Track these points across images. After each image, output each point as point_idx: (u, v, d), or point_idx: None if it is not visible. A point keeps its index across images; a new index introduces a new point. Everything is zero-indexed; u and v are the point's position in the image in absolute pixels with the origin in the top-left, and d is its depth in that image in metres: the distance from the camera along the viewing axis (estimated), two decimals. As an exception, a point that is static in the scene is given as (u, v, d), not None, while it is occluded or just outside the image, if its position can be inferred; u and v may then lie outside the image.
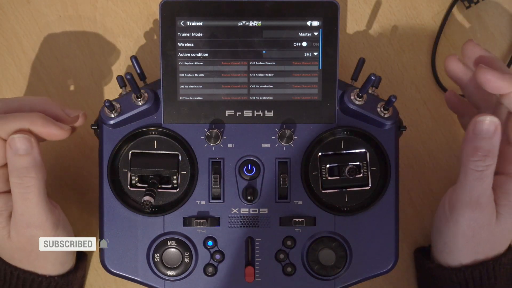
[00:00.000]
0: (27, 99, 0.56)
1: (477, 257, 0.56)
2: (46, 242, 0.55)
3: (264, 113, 0.58)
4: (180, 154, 0.58)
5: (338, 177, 0.58)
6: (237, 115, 0.58)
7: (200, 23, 0.57)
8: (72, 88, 0.66)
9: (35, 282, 0.56)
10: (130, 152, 0.58)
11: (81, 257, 0.63)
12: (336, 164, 0.58)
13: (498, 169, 0.54)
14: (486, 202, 0.53)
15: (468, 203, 0.53)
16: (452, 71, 0.57)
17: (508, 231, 0.55)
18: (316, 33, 0.57)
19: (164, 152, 0.58)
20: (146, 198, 0.55)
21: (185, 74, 0.57)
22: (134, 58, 0.59)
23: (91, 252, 0.65)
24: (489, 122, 0.51)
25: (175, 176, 0.58)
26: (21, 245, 0.55)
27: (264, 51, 0.57)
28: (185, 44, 0.57)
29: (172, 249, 0.58)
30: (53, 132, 0.53)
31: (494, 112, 0.55)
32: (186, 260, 0.58)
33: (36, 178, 0.53)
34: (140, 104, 0.57)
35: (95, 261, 0.65)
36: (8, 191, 0.54)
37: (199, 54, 0.57)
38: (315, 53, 0.57)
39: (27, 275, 0.56)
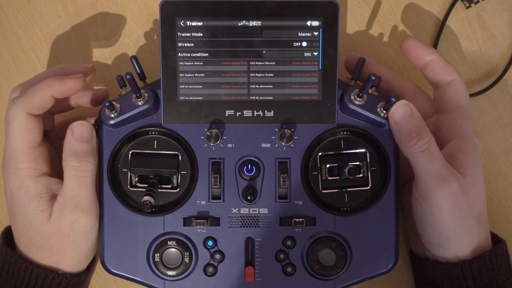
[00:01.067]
0: (40, 73, 0.59)
1: (473, 235, 0.55)
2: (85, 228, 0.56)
3: (264, 113, 0.58)
4: (180, 154, 0.58)
5: (338, 177, 0.58)
6: (237, 115, 0.58)
7: (200, 23, 0.57)
8: (72, 88, 0.66)
9: (47, 280, 0.56)
10: (130, 152, 0.58)
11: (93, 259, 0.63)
12: (336, 164, 0.58)
13: (444, 139, 0.57)
14: (448, 172, 0.54)
15: (435, 183, 0.54)
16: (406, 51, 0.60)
17: (480, 190, 0.56)
18: (316, 33, 0.57)
19: (164, 152, 0.58)
20: (146, 198, 0.55)
21: (185, 74, 0.57)
22: (134, 58, 0.59)
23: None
24: (401, 107, 0.55)
25: (175, 176, 0.58)
26: (61, 229, 0.56)
27: (264, 51, 0.57)
28: (185, 44, 0.57)
29: (172, 249, 0.58)
30: (71, 85, 0.56)
31: None
32: (186, 260, 0.58)
33: (93, 164, 0.56)
34: (140, 104, 0.57)
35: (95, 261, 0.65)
36: (48, 174, 0.56)
37: (199, 54, 0.57)
38: (315, 53, 0.57)
39: (40, 271, 0.56)
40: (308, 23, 0.57)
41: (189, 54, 0.57)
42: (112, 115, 0.57)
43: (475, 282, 0.55)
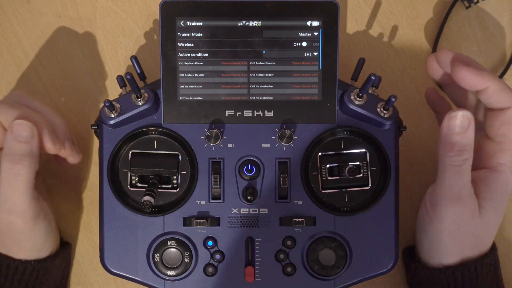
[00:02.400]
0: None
1: (463, 255, 0.55)
2: (23, 230, 0.55)
3: (264, 113, 0.58)
4: (180, 154, 0.58)
5: (338, 177, 0.58)
6: (237, 115, 0.58)
7: (200, 23, 0.57)
8: (72, 88, 0.66)
9: (11, 267, 0.56)
10: (130, 152, 0.58)
11: (64, 246, 0.63)
12: (336, 164, 0.58)
13: (478, 163, 0.55)
14: (467, 196, 0.53)
15: (450, 199, 0.53)
16: (433, 71, 0.57)
17: (492, 225, 0.55)
18: (316, 33, 0.57)
19: (164, 152, 0.58)
20: (146, 198, 0.55)
21: (185, 74, 0.57)
22: (134, 58, 0.59)
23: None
24: (462, 117, 0.52)
25: (175, 176, 0.58)
26: (1, 228, 0.55)
27: (264, 51, 0.57)
28: (185, 44, 0.57)
29: (172, 249, 0.58)
30: (47, 146, 0.55)
31: (474, 109, 0.56)
32: (186, 260, 0.58)
33: (28, 167, 0.53)
34: (140, 104, 0.57)
35: (95, 261, 0.65)
36: None
37: (199, 54, 0.57)
38: (315, 53, 0.57)
39: (2, 258, 0.56)
40: (308, 23, 0.57)
41: (189, 54, 0.57)
42: (112, 115, 0.57)
43: None
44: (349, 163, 0.58)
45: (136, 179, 0.58)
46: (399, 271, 0.65)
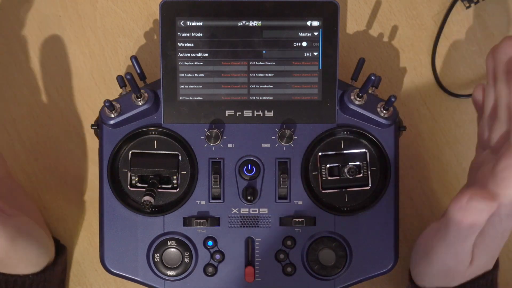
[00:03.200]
0: None
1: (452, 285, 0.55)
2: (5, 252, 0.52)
3: (264, 113, 0.58)
4: (180, 154, 0.58)
5: (338, 177, 0.58)
6: (237, 115, 0.58)
7: (200, 23, 0.57)
8: (72, 88, 0.66)
9: (9, 282, 0.55)
10: (130, 152, 0.58)
11: (60, 251, 0.62)
12: (336, 164, 0.58)
13: None
14: (462, 256, 0.51)
15: (444, 248, 0.51)
16: (478, 102, 0.52)
17: (480, 270, 0.53)
18: (316, 33, 0.57)
19: (164, 152, 0.58)
20: (146, 198, 0.55)
21: (185, 74, 0.57)
22: (134, 58, 0.59)
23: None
24: (469, 206, 0.46)
25: (175, 176, 0.58)
26: None
27: (264, 51, 0.57)
28: (185, 44, 0.57)
29: (172, 249, 0.58)
30: None
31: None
32: (186, 260, 0.58)
33: None
34: (140, 104, 0.57)
35: (95, 261, 0.65)
36: None
37: (199, 54, 0.57)
38: (315, 53, 0.57)
39: (0, 276, 0.54)
40: (308, 23, 0.57)
41: (189, 54, 0.57)
42: (112, 115, 0.57)
43: None
44: (349, 163, 0.58)
45: (136, 179, 0.58)
46: (399, 271, 0.64)
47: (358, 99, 0.57)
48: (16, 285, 0.56)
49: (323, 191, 0.58)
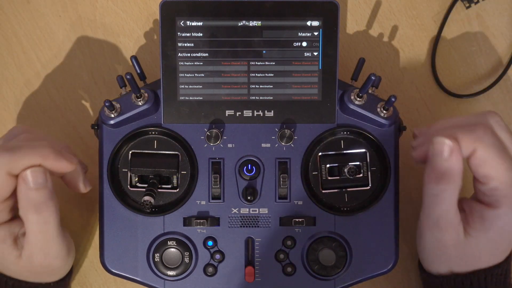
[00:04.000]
0: (31, 135, 0.55)
1: (453, 270, 0.55)
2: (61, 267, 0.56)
3: (264, 113, 0.58)
4: (180, 154, 0.58)
5: (338, 177, 0.58)
6: (237, 115, 0.58)
7: (200, 23, 0.57)
8: (72, 88, 0.66)
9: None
10: (130, 152, 0.58)
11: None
12: (336, 164, 0.58)
13: (476, 197, 0.54)
14: (445, 225, 0.53)
15: (427, 224, 0.54)
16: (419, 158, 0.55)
17: (480, 250, 0.54)
18: (316, 33, 0.57)
19: (164, 152, 0.58)
20: (146, 198, 0.55)
21: (185, 74, 0.57)
22: (134, 58, 0.59)
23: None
24: (440, 142, 0.51)
25: (175, 176, 0.58)
26: (33, 269, 0.55)
27: (264, 51, 0.57)
28: (185, 44, 0.57)
29: (172, 249, 0.58)
30: (64, 165, 0.52)
31: None
32: (186, 260, 0.58)
33: (54, 212, 0.52)
34: (140, 104, 0.57)
35: (95, 261, 0.65)
36: (9, 219, 0.54)
37: (199, 54, 0.57)
38: (315, 53, 0.57)
39: (22, 284, 0.55)
40: (308, 23, 0.57)
41: (189, 54, 0.57)
42: (112, 115, 0.57)
43: None
44: (349, 163, 0.58)
45: (136, 179, 0.58)
46: (399, 271, 0.64)
47: (358, 99, 0.57)
48: None
49: (323, 191, 0.58)
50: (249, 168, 0.58)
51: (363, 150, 0.58)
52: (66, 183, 0.58)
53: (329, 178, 0.58)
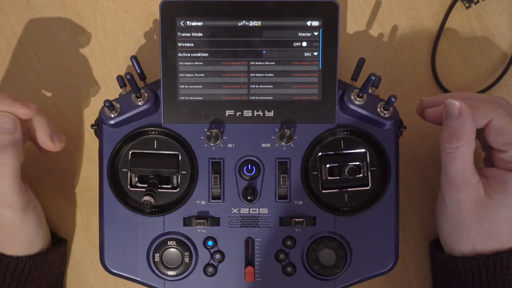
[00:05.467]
0: None
1: (474, 245, 0.56)
2: (13, 222, 0.55)
3: (264, 113, 0.58)
4: (180, 154, 0.58)
5: (338, 177, 0.58)
6: (237, 115, 0.58)
7: (200, 23, 0.57)
8: (72, 88, 0.66)
9: (2, 263, 0.56)
10: (130, 152, 0.58)
11: (60, 242, 0.62)
12: (336, 164, 0.58)
13: (497, 164, 0.56)
14: (462, 182, 0.54)
15: (446, 183, 0.55)
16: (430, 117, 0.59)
17: (501, 220, 0.55)
18: (316, 33, 0.57)
19: (164, 152, 0.58)
20: (146, 198, 0.55)
21: (185, 74, 0.57)
22: (134, 58, 0.59)
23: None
24: (451, 103, 0.54)
25: (175, 176, 0.58)
26: None
27: (264, 51, 0.57)
28: (185, 44, 0.57)
29: (172, 249, 0.58)
30: (20, 111, 0.55)
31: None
32: (186, 260, 0.58)
33: (13, 156, 0.53)
34: (140, 104, 0.57)
35: (95, 261, 0.65)
36: None
37: (199, 54, 0.57)
38: (315, 53, 0.57)
39: None
40: (308, 23, 0.57)
41: (189, 54, 0.57)
42: (112, 115, 0.57)
43: (488, 278, 0.56)
44: (349, 163, 0.58)
45: (136, 179, 0.58)
46: (399, 271, 0.65)
47: (358, 99, 0.57)
48: (8, 267, 0.56)
49: (323, 191, 0.58)
50: (249, 168, 0.58)
51: (363, 150, 0.58)
52: (34, 142, 0.59)
53: (329, 178, 0.58)
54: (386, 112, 0.57)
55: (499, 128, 0.54)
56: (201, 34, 0.57)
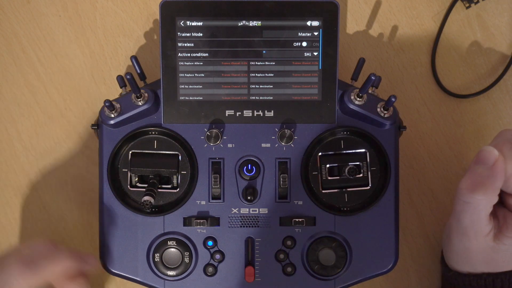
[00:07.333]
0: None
1: (484, 271, 0.55)
2: None
3: (264, 113, 0.58)
4: (180, 154, 0.58)
5: (338, 177, 0.58)
6: (237, 115, 0.58)
7: (200, 23, 0.57)
8: (72, 88, 0.66)
9: None
10: (130, 152, 0.58)
11: None
12: (336, 164, 0.58)
13: (509, 206, 0.54)
14: (474, 234, 0.52)
15: (455, 230, 0.54)
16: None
17: (509, 260, 0.54)
18: (316, 33, 0.57)
19: (164, 152, 0.58)
20: (146, 198, 0.55)
21: (185, 74, 0.57)
22: (134, 58, 0.59)
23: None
24: (489, 151, 0.50)
25: (175, 176, 0.58)
26: None
27: (264, 51, 0.57)
28: (185, 44, 0.57)
29: (172, 249, 0.58)
30: (90, 264, 0.56)
31: None
32: (186, 260, 0.58)
33: None
34: (140, 104, 0.57)
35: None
36: None
37: (199, 54, 0.57)
38: (315, 53, 0.57)
39: None
40: (308, 23, 0.57)
41: (189, 54, 0.57)
42: (112, 115, 0.57)
43: None
44: (349, 163, 0.58)
45: (136, 179, 0.58)
46: (399, 271, 0.65)
47: (358, 99, 0.57)
48: None
49: (323, 191, 0.58)
50: (249, 168, 0.58)
51: (363, 150, 0.58)
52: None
53: (329, 178, 0.58)
54: (386, 112, 0.57)
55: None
56: (201, 34, 0.57)
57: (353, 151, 0.58)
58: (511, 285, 0.54)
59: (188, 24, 0.57)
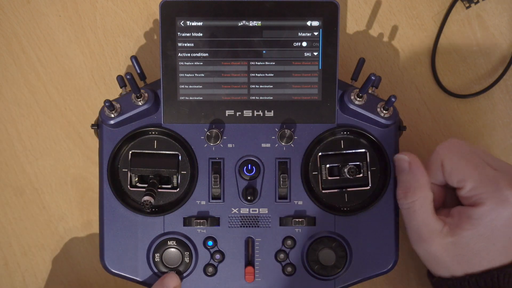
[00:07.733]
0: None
1: (466, 271, 0.55)
2: None
3: (264, 113, 0.58)
4: (180, 154, 0.58)
5: (338, 177, 0.58)
6: (237, 115, 0.58)
7: (200, 23, 0.57)
8: (72, 88, 0.66)
9: None
10: (130, 152, 0.58)
11: None
12: (336, 164, 0.58)
13: (462, 202, 0.56)
14: (427, 235, 0.55)
15: (412, 238, 0.56)
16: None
17: (475, 249, 0.54)
18: (316, 33, 0.57)
19: (164, 152, 0.58)
20: (146, 198, 0.55)
21: (185, 74, 0.57)
22: (134, 58, 0.59)
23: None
24: (397, 159, 0.56)
25: (175, 176, 0.58)
26: None
27: (264, 51, 0.57)
28: (185, 44, 0.57)
29: (172, 249, 0.58)
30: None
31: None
32: (186, 260, 0.58)
33: None
34: (140, 104, 0.57)
35: (95, 261, 0.65)
36: None
37: (199, 54, 0.57)
38: (315, 53, 0.57)
39: None
40: (308, 23, 0.57)
41: (189, 54, 0.57)
42: (112, 115, 0.57)
43: None
44: (349, 163, 0.58)
45: (136, 179, 0.58)
46: (399, 271, 0.65)
47: (358, 99, 0.57)
48: None
49: (323, 191, 0.58)
50: (249, 168, 0.58)
51: (363, 150, 0.58)
52: None
53: (329, 178, 0.58)
54: (386, 112, 0.57)
55: (449, 167, 0.55)
56: (201, 34, 0.57)
57: (353, 151, 0.58)
58: (494, 284, 0.55)
59: (188, 24, 0.57)
